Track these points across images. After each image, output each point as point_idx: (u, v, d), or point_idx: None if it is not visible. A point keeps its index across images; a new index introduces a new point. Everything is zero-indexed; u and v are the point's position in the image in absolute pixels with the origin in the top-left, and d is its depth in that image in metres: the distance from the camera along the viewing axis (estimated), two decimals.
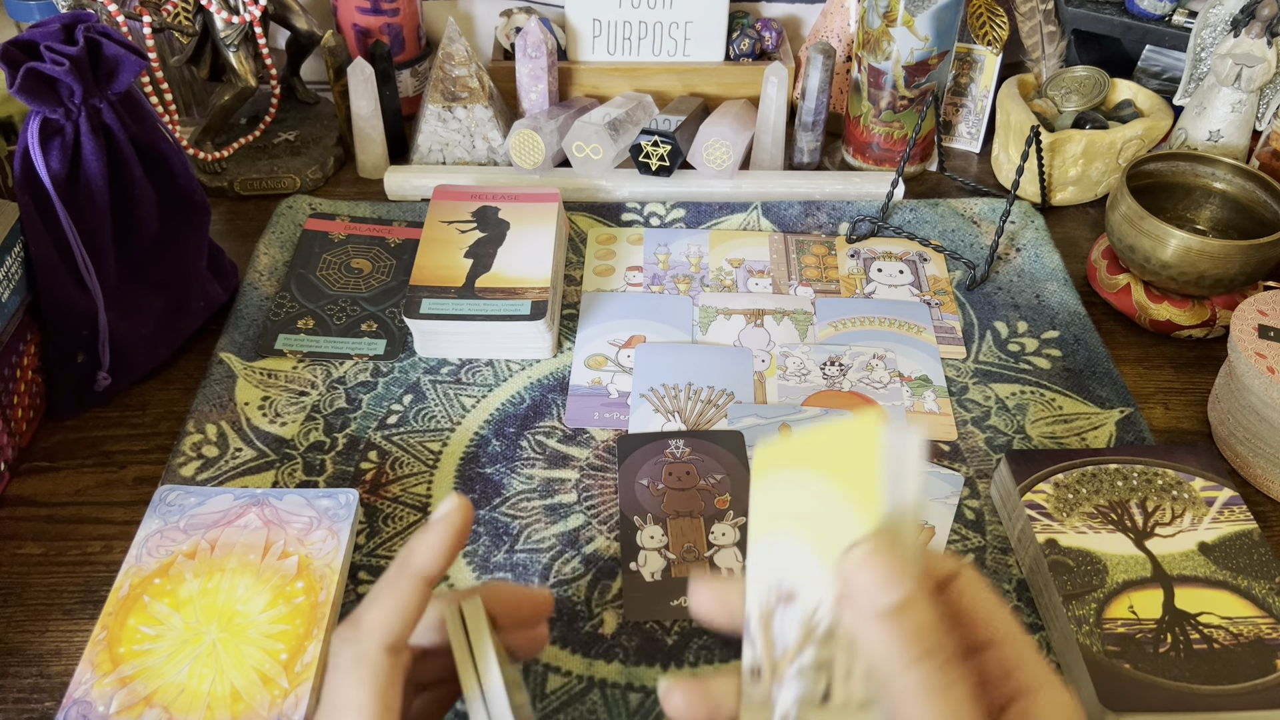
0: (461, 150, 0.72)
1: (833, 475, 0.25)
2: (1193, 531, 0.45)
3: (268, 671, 0.41)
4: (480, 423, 0.54)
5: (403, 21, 0.75)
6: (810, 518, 0.26)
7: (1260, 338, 0.50)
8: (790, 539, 0.26)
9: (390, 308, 0.61)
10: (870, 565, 0.23)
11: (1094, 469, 0.48)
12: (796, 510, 0.26)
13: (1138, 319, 0.60)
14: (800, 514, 0.26)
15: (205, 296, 0.59)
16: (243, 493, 0.48)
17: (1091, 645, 0.41)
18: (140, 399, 0.56)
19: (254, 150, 0.73)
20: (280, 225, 0.67)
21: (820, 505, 0.25)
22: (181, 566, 0.45)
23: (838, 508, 0.25)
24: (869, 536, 0.23)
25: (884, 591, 0.23)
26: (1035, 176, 0.69)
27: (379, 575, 0.46)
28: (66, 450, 0.53)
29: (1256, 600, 0.42)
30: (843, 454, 0.25)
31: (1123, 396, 0.55)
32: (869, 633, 0.23)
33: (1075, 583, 0.43)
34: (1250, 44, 0.62)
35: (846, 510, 0.24)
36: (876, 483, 0.24)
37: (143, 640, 0.42)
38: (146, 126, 0.53)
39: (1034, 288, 0.63)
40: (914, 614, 0.23)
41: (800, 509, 0.26)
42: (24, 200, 0.49)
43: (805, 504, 0.26)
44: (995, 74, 0.74)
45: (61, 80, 0.48)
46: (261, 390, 0.56)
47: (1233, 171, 0.61)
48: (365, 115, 0.70)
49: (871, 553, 0.23)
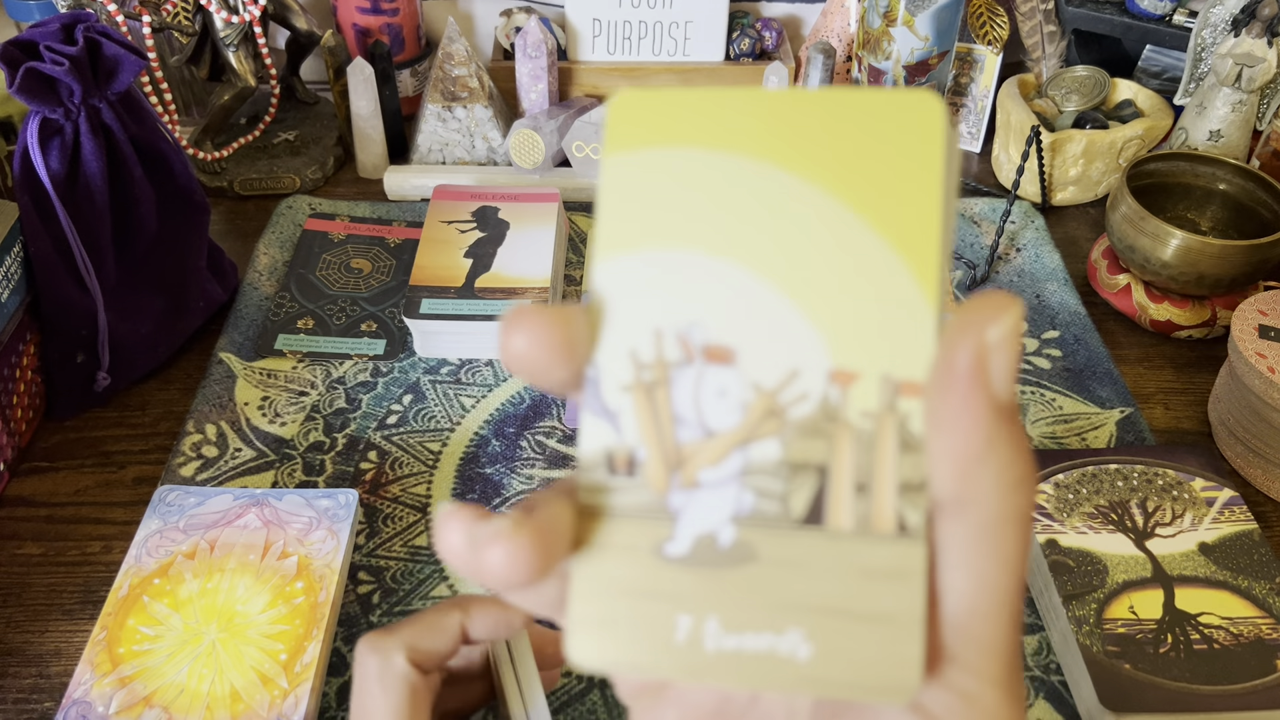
0: (461, 150, 0.72)
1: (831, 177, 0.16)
2: (1193, 532, 0.45)
3: (267, 672, 0.41)
4: (480, 423, 0.54)
5: (402, 21, 0.75)
6: (773, 236, 0.16)
7: (1261, 338, 0.50)
8: (721, 262, 0.17)
9: (390, 308, 0.61)
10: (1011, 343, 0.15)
11: (1094, 469, 0.48)
12: (733, 218, 0.17)
13: (1138, 319, 0.60)
14: (744, 226, 0.17)
15: (205, 296, 0.59)
16: (242, 493, 0.48)
17: (1092, 645, 0.41)
18: (140, 399, 0.56)
19: (254, 150, 0.73)
20: (280, 225, 0.67)
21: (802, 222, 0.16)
22: (181, 567, 0.45)
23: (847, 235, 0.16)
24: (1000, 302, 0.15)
25: (1011, 382, 0.15)
26: (1035, 176, 0.69)
27: (379, 576, 0.46)
28: (66, 450, 0.53)
29: (1257, 600, 0.42)
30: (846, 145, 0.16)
31: (1123, 397, 0.55)
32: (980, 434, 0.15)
33: (1075, 583, 0.43)
34: (1250, 44, 0.62)
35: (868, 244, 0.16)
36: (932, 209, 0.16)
37: (142, 640, 0.42)
38: (146, 126, 0.53)
39: (1034, 288, 0.63)
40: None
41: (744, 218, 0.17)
42: (23, 200, 0.49)
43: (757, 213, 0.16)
44: (995, 74, 0.74)
45: (61, 80, 0.47)
46: (261, 390, 0.55)
47: (1233, 172, 0.60)
48: (365, 115, 0.70)
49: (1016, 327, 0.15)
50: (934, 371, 0.15)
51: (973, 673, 0.16)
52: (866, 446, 0.16)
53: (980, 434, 0.15)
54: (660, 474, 0.17)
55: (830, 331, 0.16)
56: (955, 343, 0.15)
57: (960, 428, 0.15)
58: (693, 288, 0.17)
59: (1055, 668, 0.43)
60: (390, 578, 0.47)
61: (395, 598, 0.46)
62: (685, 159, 0.17)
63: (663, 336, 0.17)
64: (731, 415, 0.17)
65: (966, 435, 0.15)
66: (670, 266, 0.17)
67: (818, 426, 0.16)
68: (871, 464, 0.16)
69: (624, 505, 0.17)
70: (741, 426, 0.17)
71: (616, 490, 0.17)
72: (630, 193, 0.17)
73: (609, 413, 0.17)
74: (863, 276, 0.16)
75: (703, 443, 0.17)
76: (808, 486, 0.16)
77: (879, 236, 0.16)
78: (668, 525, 0.17)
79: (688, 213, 0.17)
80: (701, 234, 0.17)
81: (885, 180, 0.16)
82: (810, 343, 0.16)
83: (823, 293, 0.16)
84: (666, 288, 0.17)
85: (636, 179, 0.17)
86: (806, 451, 0.16)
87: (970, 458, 0.15)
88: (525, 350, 0.16)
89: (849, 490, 0.16)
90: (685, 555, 0.16)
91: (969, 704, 0.16)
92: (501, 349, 0.17)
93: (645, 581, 0.16)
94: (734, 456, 0.17)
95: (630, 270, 0.17)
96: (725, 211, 0.17)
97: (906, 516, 0.16)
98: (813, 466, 0.16)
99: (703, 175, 0.17)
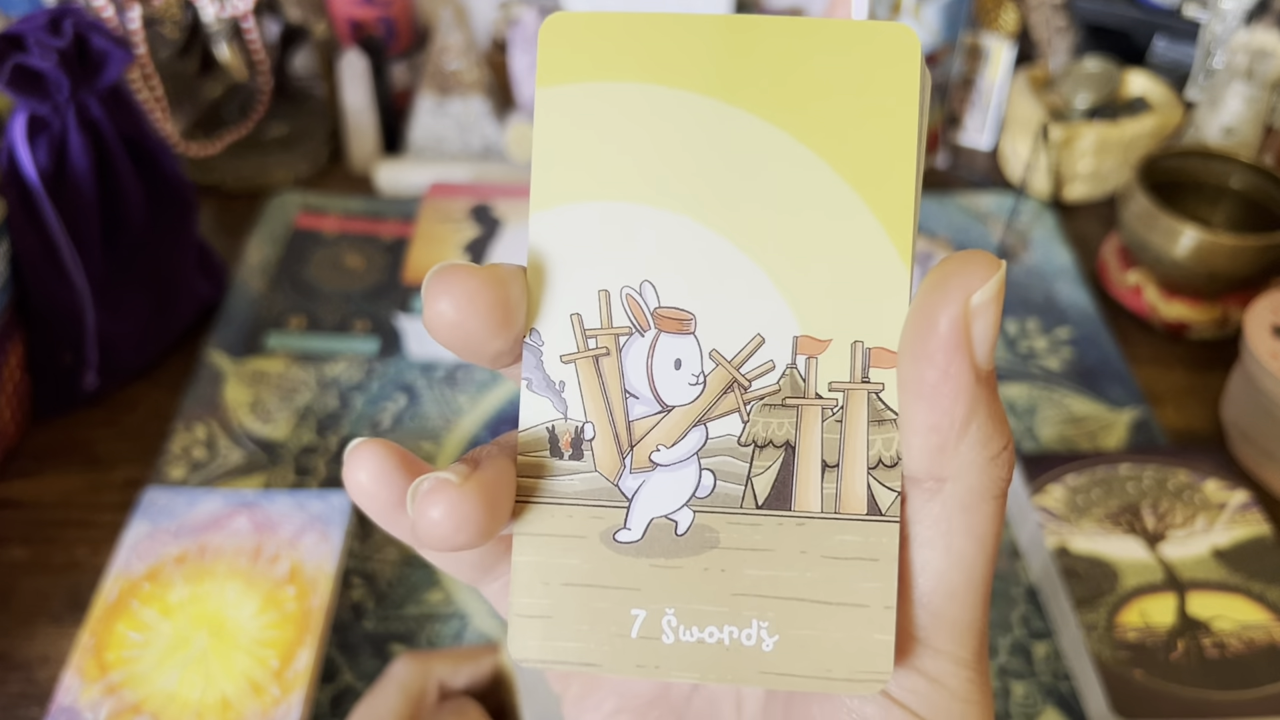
0: (456, 145, 0.71)
1: (794, 118, 0.14)
2: (1206, 535, 0.44)
3: (258, 679, 0.40)
4: (476, 423, 0.53)
5: (396, 13, 0.74)
6: (730, 186, 0.15)
7: (1275, 337, 0.49)
8: (671, 216, 0.15)
9: (384, 305, 0.60)
10: (994, 307, 0.14)
11: (1105, 471, 0.47)
12: (685, 164, 0.15)
13: (1150, 318, 0.59)
14: (699, 174, 0.15)
15: (194, 294, 0.58)
16: (233, 495, 0.47)
17: (1103, 652, 0.40)
18: (128, 399, 0.55)
19: (244, 145, 0.72)
20: (271, 221, 0.66)
21: (763, 170, 0.15)
22: (170, 571, 0.44)
23: (813, 184, 0.14)
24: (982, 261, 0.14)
25: (992, 348, 0.14)
26: (1045, 172, 0.68)
27: (372, 581, 0.46)
28: (53, 452, 0.52)
29: (1271, 606, 0.41)
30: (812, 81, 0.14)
31: (1134, 397, 0.54)
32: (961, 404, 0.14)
33: (1086, 588, 0.42)
34: (1264, 37, 0.60)
35: (836, 194, 0.14)
36: (905, 157, 0.14)
37: (131, 647, 0.41)
38: (135, 121, 0.52)
39: (1044, 286, 0.62)
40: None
41: (698, 165, 0.15)
42: (9, 197, 0.48)
43: (711, 159, 0.15)
44: (1005, 67, 0.73)
45: (49, 75, 0.47)
46: (252, 390, 0.55)
47: (1246, 168, 0.59)
48: (358, 109, 0.69)
49: (999, 291, 0.14)
50: (910, 338, 0.14)
51: (943, 655, 0.15)
52: (836, 421, 0.15)
53: (962, 405, 0.14)
54: (611, 454, 0.15)
55: (796, 294, 0.15)
56: (935, 306, 0.13)
57: (940, 399, 0.14)
58: (642, 244, 0.15)
59: (1065, 675, 0.42)
60: (384, 583, 0.46)
61: (388, 604, 0.45)
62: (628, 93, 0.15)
63: (610, 299, 0.15)
64: (688, 388, 0.15)
65: (947, 407, 0.14)
66: (616, 219, 0.15)
67: (783, 400, 0.15)
68: (841, 440, 0.15)
69: (570, 489, 0.15)
70: (700, 401, 0.15)
71: (562, 472, 0.15)
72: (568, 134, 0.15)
73: (552, 386, 0.15)
74: (830, 232, 0.15)
75: (657, 419, 0.15)
76: (772, 466, 0.15)
77: (848, 186, 0.14)
78: (619, 510, 0.15)
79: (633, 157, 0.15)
80: (649, 182, 0.15)
81: (854, 121, 0.14)
82: (774, 307, 0.15)
83: (787, 250, 0.15)
84: (613, 244, 0.15)
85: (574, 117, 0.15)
86: (771, 428, 0.15)
87: (950, 431, 0.14)
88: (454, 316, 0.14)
89: (817, 469, 0.15)
90: (639, 543, 0.15)
91: (937, 688, 0.15)
92: (426, 315, 0.14)
93: (595, 572, 0.15)
94: (692, 434, 0.15)
95: (571, 223, 0.15)
96: (675, 156, 0.15)
97: (878, 496, 0.15)
98: (778, 444, 0.15)
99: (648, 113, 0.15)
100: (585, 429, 0.15)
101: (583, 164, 0.15)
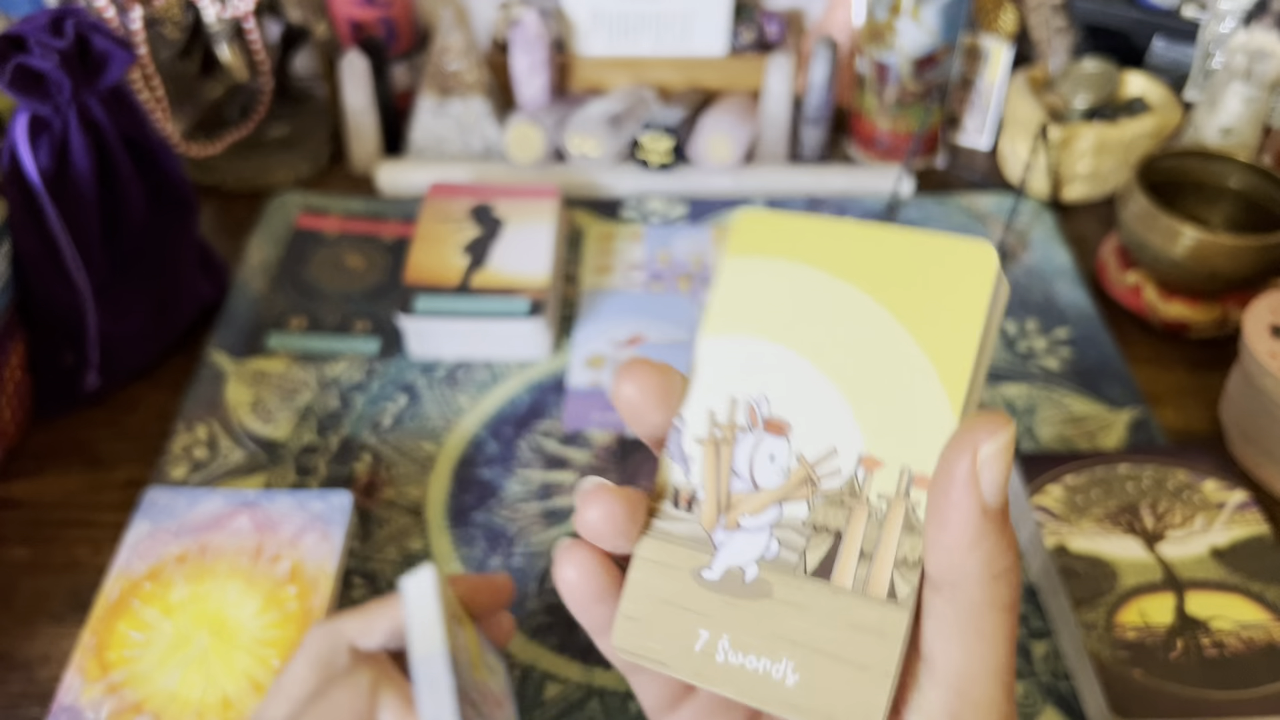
0: (457, 145, 0.71)
1: (896, 301, 0.20)
2: (1205, 535, 0.44)
3: (260, 678, 0.40)
4: (477, 424, 0.53)
5: (397, 14, 0.74)
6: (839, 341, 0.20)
7: (1273, 337, 0.49)
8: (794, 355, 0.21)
9: (385, 306, 0.60)
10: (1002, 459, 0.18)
11: (1104, 471, 0.47)
12: (811, 321, 0.21)
13: (1149, 318, 0.59)
14: (818, 329, 0.20)
15: (195, 294, 0.58)
16: (234, 495, 0.47)
17: (1102, 651, 0.40)
18: (129, 399, 0.55)
19: (245, 146, 0.72)
20: (272, 222, 0.66)
21: (864, 334, 0.20)
22: (171, 571, 0.44)
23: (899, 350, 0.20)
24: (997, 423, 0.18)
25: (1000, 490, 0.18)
26: (1044, 172, 0.68)
27: (373, 580, 0.46)
28: (54, 451, 0.52)
29: (1270, 605, 0.41)
30: (914, 277, 0.20)
31: (1134, 397, 0.54)
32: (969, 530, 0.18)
33: (1085, 588, 0.42)
34: (1262, 37, 0.60)
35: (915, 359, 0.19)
36: (971, 339, 0.19)
37: (132, 646, 0.41)
38: (136, 122, 0.52)
39: (1044, 286, 0.62)
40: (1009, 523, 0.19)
41: (820, 323, 0.20)
42: (11, 198, 0.48)
43: (830, 320, 0.20)
44: (1004, 68, 0.73)
45: (51, 75, 0.47)
46: (253, 390, 0.55)
47: (1245, 168, 0.59)
48: (358, 109, 0.69)
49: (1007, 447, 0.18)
50: (936, 474, 0.18)
51: None
52: (877, 523, 0.19)
53: (969, 531, 0.18)
54: (711, 514, 0.21)
55: (868, 423, 0.20)
56: (955, 453, 0.18)
57: (952, 523, 0.18)
58: (767, 369, 0.21)
59: (1064, 674, 0.42)
60: (384, 583, 0.46)
61: None
62: (784, 268, 0.21)
63: (736, 404, 0.21)
64: (776, 477, 0.20)
65: (957, 530, 0.18)
66: (755, 350, 0.21)
67: (841, 499, 0.20)
68: (878, 538, 0.19)
69: (679, 532, 0.21)
70: (781, 487, 0.20)
71: (676, 519, 0.21)
72: (738, 288, 0.21)
73: (684, 457, 0.21)
74: (903, 383, 0.20)
75: (748, 495, 0.20)
76: (823, 545, 0.20)
77: (924, 354, 0.19)
78: (708, 555, 0.20)
79: (778, 311, 0.21)
80: (786, 329, 0.21)
81: (938, 307, 0.20)
82: (850, 430, 0.20)
83: (869, 391, 0.20)
84: (747, 366, 0.21)
85: (745, 279, 0.21)
86: (828, 517, 0.20)
87: (959, 549, 0.18)
88: (632, 395, 0.21)
89: (855, 555, 0.19)
90: (716, 581, 0.20)
91: None
92: (614, 393, 0.21)
93: (681, 596, 0.20)
94: (770, 510, 0.20)
95: (724, 348, 0.21)
96: (806, 314, 0.21)
97: (898, 586, 0.19)
98: (831, 530, 0.20)
99: (795, 283, 0.21)
100: (698, 491, 0.21)
101: (745, 309, 0.21)
